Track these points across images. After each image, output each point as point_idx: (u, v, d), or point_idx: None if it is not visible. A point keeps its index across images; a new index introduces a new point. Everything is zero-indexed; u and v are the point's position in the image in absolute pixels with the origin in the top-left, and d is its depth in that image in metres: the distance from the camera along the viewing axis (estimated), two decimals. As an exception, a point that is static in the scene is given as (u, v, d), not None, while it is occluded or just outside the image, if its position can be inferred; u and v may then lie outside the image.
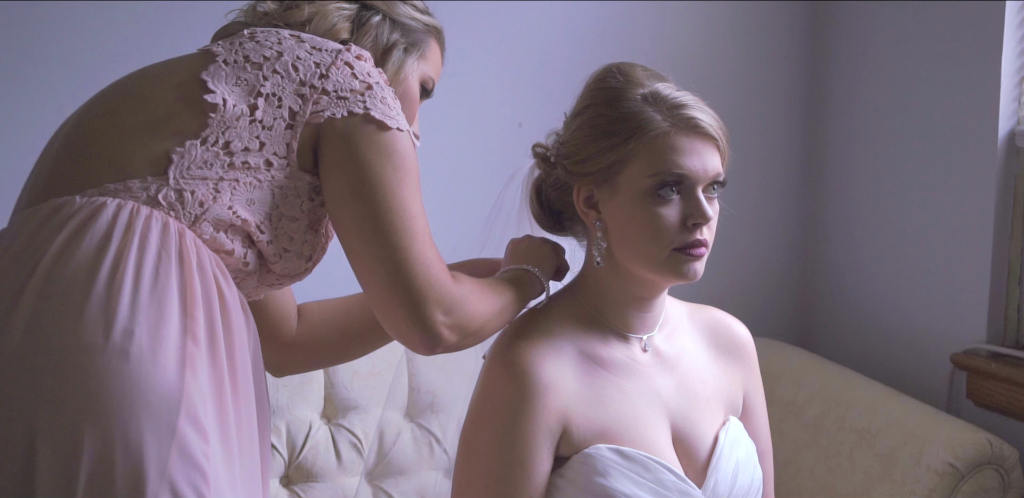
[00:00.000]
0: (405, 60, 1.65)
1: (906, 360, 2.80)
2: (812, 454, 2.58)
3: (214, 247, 1.45)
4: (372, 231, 1.47)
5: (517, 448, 1.60)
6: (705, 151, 1.62)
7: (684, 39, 2.91)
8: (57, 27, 2.38)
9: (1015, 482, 2.34)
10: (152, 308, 1.36)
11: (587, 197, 1.66)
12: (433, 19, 1.70)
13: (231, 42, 1.54)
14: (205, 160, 1.44)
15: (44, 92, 2.38)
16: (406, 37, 1.66)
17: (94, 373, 1.31)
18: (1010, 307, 2.58)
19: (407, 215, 1.48)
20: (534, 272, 1.68)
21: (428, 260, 1.49)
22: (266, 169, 1.47)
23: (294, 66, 1.50)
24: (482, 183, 1.62)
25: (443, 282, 1.50)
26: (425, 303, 1.48)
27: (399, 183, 1.48)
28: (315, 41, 1.55)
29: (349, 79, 1.50)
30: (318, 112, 1.49)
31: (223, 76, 1.49)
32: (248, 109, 1.47)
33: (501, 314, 1.61)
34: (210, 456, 1.35)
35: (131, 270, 1.36)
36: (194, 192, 1.43)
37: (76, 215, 1.39)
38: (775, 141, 3.05)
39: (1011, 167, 2.55)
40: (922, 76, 2.72)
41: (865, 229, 2.92)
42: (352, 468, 2.41)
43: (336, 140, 1.48)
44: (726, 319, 1.83)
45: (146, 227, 1.39)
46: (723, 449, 1.70)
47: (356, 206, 1.47)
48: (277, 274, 1.54)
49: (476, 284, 1.58)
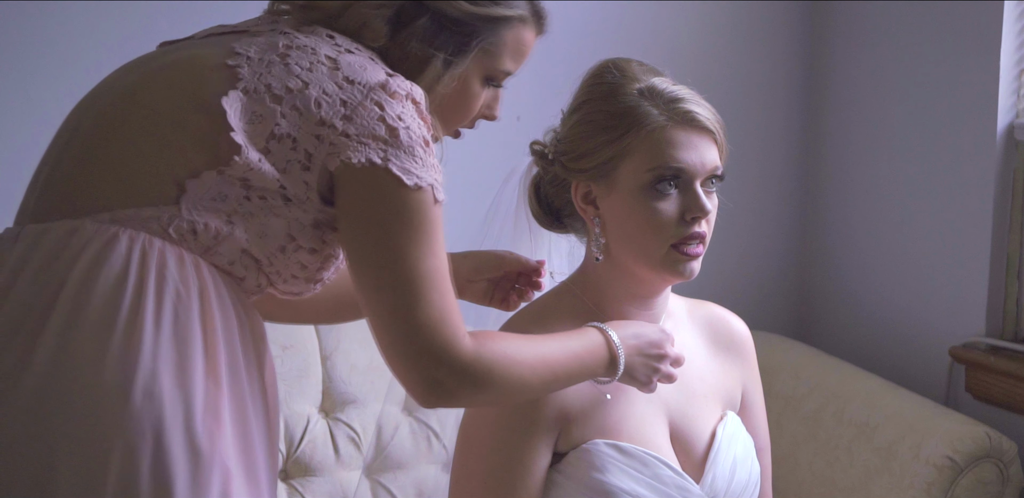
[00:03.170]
0: (445, 73, 1.49)
1: (905, 353, 2.80)
2: (811, 448, 2.58)
3: (227, 270, 1.42)
4: (376, 289, 1.39)
5: (515, 443, 1.60)
6: (703, 145, 1.62)
7: (682, 34, 2.90)
8: (57, 26, 2.38)
9: (1014, 476, 2.34)
10: (175, 349, 1.33)
11: (585, 193, 1.65)
12: (503, 7, 1.51)
13: (261, 57, 1.41)
14: (220, 192, 1.37)
15: (43, 89, 2.37)
16: (457, 40, 1.49)
17: (117, 413, 1.30)
18: (1009, 300, 2.58)
19: (415, 276, 1.37)
20: (611, 337, 1.56)
21: (432, 322, 1.37)
22: (284, 204, 1.40)
23: (317, 102, 1.38)
24: (480, 181, 1.61)
25: (446, 343, 1.38)
26: (424, 364, 1.38)
27: (411, 242, 1.38)
28: (351, 71, 1.40)
29: (375, 123, 1.38)
30: (334, 154, 1.38)
31: (239, 109, 1.37)
32: (261, 153, 1.38)
33: (539, 367, 1.47)
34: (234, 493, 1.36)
35: (151, 309, 1.33)
36: (207, 225, 1.37)
37: (90, 245, 1.35)
38: (773, 135, 3.05)
39: (1010, 160, 2.54)
40: (920, 69, 2.72)
41: (863, 223, 2.92)
42: (350, 462, 2.41)
43: (350, 189, 1.39)
44: (725, 315, 1.83)
45: (161, 262, 1.35)
46: (721, 444, 1.70)
47: (364, 262, 1.39)
48: (280, 291, 1.50)
49: (506, 341, 1.46)
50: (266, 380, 1.46)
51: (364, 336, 2.45)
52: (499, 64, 1.53)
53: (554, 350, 1.49)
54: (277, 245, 1.42)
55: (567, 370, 1.50)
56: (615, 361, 1.55)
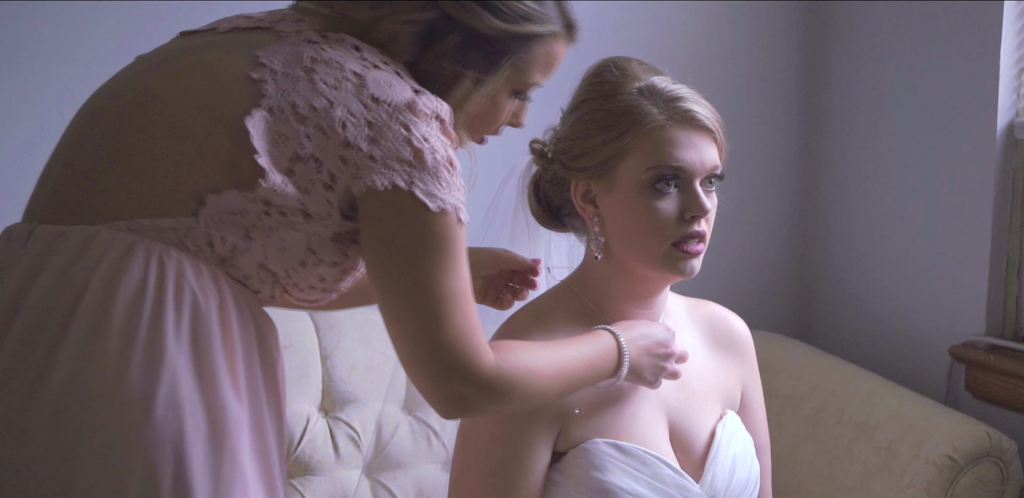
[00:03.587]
0: (474, 92, 1.47)
1: (905, 352, 2.80)
2: (810, 447, 2.58)
3: (242, 283, 1.41)
4: (400, 310, 1.39)
5: (515, 443, 1.60)
6: (702, 144, 1.62)
7: (682, 34, 2.90)
8: (57, 24, 2.38)
9: (1014, 474, 2.34)
10: (196, 361, 1.33)
11: (585, 192, 1.65)
12: (536, 24, 1.47)
13: (287, 71, 1.37)
14: (240, 207, 1.35)
15: (42, 87, 2.37)
16: (488, 58, 1.46)
17: (139, 425, 1.29)
18: (1008, 299, 2.58)
19: (439, 297, 1.37)
20: (621, 340, 1.59)
21: (456, 342, 1.38)
22: (304, 220, 1.38)
23: (342, 123, 1.35)
24: (480, 180, 1.60)
25: (470, 361, 1.39)
26: (448, 381, 1.39)
27: (435, 265, 1.37)
28: (378, 88, 1.37)
29: (401, 145, 1.36)
30: (359, 177, 1.36)
31: (262, 129, 1.35)
32: (284, 175, 1.36)
33: (556, 377, 1.49)
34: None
35: (171, 319, 1.32)
36: (225, 239, 1.36)
37: (108, 253, 1.33)
38: (773, 134, 3.05)
39: (1010, 159, 2.54)
40: (920, 67, 2.72)
41: (863, 222, 2.92)
42: (350, 461, 2.41)
43: (374, 211, 1.37)
44: (724, 314, 1.83)
45: (179, 272, 1.34)
46: (720, 444, 1.70)
47: (387, 284, 1.39)
48: (296, 299, 1.50)
49: (525, 352, 1.47)
50: (280, 391, 1.45)
51: (364, 335, 2.45)
52: (529, 78, 1.51)
53: (570, 358, 1.51)
54: (297, 259, 1.41)
55: (582, 376, 1.53)
56: (622, 365, 1.58)
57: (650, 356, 1.61)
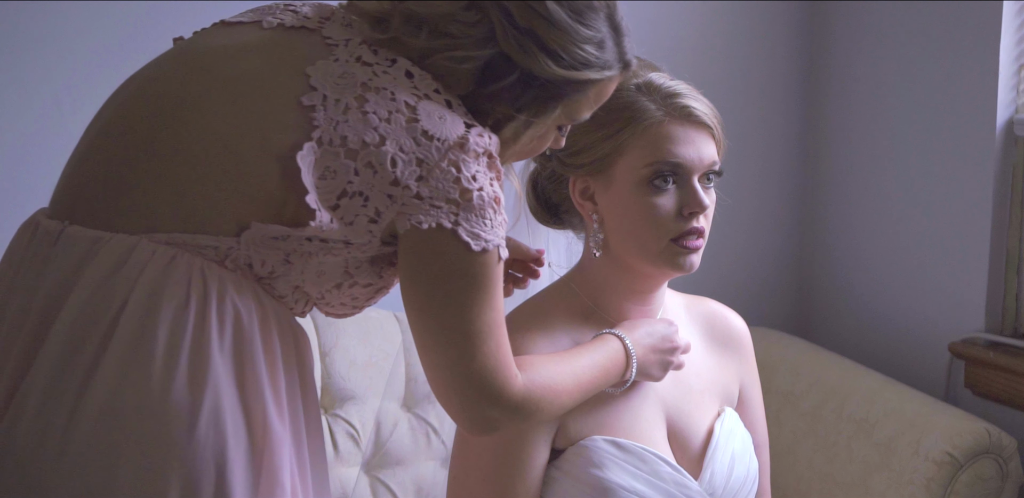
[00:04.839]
0: (524, 133, 1.44)
1: (904, 349, 2.79)
2: (810, 444, 2.58)
3: (277, 298, 1.40)
4: (435, 342, 1.40)
5: (514, 440, 1.60)
6: (700, 140, 1.62)
7: (682, 34, 2.90)
8: (55, 20, 2.37)
9: (1013, 471, 2.34)
10: (239, 376, 1.32)
11: (583, 189, 1.65)
12: (594, 72, 1.42)
13: (338, 99, 1.33)
14: (284, 233, 1.34)
15: (41, 85, 2.37)
16: (542, 101, 1.42)
17: (182, 441, 1.28)
18: (1008, 296, 2.58)
19: (474, 331, 1.38)
20: (628, 345, 1.62)
21: (488, 372, 1.40)
22: (344, 248, 1.37)
23: (393, 161, 1.32)
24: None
25: (501, 388, 1.42)
26: (478, 405, 1.42)
27: (473, 300, 1.38)
28: (431, 123, 1.34)
29: (450, 185, 1.34)
30: (404, 214, 1.34)
31: (311, 162, 1.31)
32: (330, 211, 1.34)
33: (574, 391, 1.54)
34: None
35: (215, 333, 1.31)
36: (264, 262, 1.35)
37: (150, 265, 1.30)
38: (772, 131, 3.04)
39: (1009, 156, 2.54)
40: (920, 64, 2.71)
41: (863, 219, 2.92)
42: (349, 459, 2.41)
43: (415, 247, 1.36)
44: (722, 311, 1.83)
45: (221, 286, 1.32)
46: (718, 440, 1.70)
47: (423, 318, 1.39)
48: (324, 312, 1.51)
49: (546, 370, 1.50)
50: (317, 404, 1.45)
51: (363, 332, 2.45)
52: (578, 116, 1.48)
53: (584, 368, 1.56)
54: (334, 283, 1.42)
55: (596, 385, 1.58)
56: (630, 367, 1.62)
57: (656, 353, 1.65)
